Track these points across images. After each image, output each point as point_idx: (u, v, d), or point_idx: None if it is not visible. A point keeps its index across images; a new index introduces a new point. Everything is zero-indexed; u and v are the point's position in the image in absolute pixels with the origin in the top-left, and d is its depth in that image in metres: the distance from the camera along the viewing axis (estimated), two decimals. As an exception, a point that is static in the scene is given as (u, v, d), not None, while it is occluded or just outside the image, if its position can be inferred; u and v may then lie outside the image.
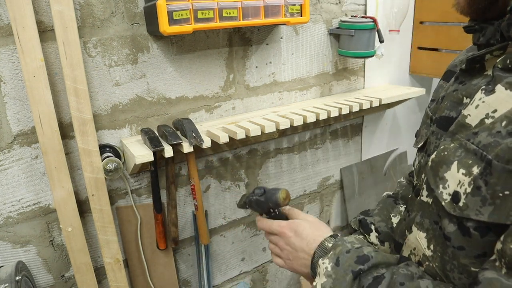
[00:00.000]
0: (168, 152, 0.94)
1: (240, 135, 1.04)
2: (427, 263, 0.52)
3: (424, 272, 0.53)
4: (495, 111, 0.45)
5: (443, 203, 0.48)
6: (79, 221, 0.95)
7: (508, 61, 0.46)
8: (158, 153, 0.99)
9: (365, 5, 1.42)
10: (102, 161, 0.94)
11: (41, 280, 1.04)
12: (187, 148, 0.96)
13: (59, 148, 0.89)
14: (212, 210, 1.29)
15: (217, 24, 0.95)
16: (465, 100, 0.53)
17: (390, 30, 1.43)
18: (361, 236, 0.77)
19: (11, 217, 0.96)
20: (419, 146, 0.64)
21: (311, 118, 1.15)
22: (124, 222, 1.12)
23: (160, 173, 1.12)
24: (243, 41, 1.18)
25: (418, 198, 0.56)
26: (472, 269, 0.46)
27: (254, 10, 1.00)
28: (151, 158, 0.94)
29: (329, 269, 0.55)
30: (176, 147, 0.97)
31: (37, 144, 0.94)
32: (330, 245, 0.59)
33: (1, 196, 0.93)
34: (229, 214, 1.35)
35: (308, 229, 0.63)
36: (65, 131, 0.97)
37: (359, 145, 1.63)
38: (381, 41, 1.28)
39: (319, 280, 0.56)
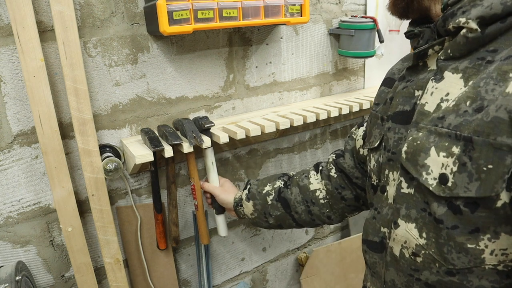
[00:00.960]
0: (168, 152, 0.94)
1: (240, 135, 1.04)
2: (422, 252, 0.53)
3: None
4: (447, 94, 0.50)
5: (430, 188, 0.50)
6: (79, 221, 0.95)
7: (449, 51, 0.51)
8: (158, 153, 0.99)
9: (365, 5, 1.42)
10: (102, 161, 0.94)
11: (41, 280, 1.04)
12: (187, 148, 0.96)
13: (59, 148, 0.89)
14: (212, 210, 1.29)
15: (217, 24, 0.95)
16: (417, 93, 0.58)
17: (390, 30, 1.43)
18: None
19: (11, 217, 0.96)
20: (374, 145, 0.67)
21: (311, 118, 1.15)
22: (124, 222, 1.12)
23: (160, 173, 1.12)
24: (243, 41, 1.18)
25: (396, 192, 0.58)
26: (469, 246, 0.48)
27: (254, 10, 1.00)
28: (151, 158, 0.94)
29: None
30: (176, 147, 0.97)
31: (37, 144, 0.94)
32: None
33: (1, 196, 0.93)
34: (229, 214, 1.35)
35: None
36: (65, 131, 0.97)
37: (359, 145, 1.62)
38: (381, 41, 1.28)
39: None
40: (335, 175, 0.90)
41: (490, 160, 0.42)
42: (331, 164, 0.92)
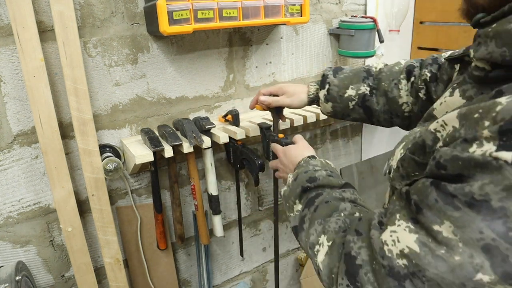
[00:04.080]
0: (168, 152, 0.94)
1: (240, 135, 1.04)
2: (364, 214, 0.62)
3: (357, 199, 0.66)
4: (450, 110, 0.52)
5: (386, 172, 0.59)
6: (79, 221, 0.95)
7: (470, 69, 0.52)
8: (158, 153, 0.99)
9: (365, 5, 1.42)
10: (102, 161, 0.94)
11: (41, 280, 1.04)
12: (187, 148, 0.96)
13: (59, 148, 0.89)
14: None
15: (217, 24, 0.95)
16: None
17: (390, 30, 1.43)
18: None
19: (11, 217, 0.96)
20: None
21: (311, 118, 1.15)
22: (124, 222, 1.12)
23: (160, 173, 1.12)
24: (243, 41, 1.18)
25: None
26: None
27: (254, 10, 1.00)
28: (151, 158, 0.94)
29: (290, 181, 0.74)
30: (176, 148, 0.97)
31: (37, 144, 0.94)
32: (301, 163, 0.76)
33: (1, 196, 0.93)
34: (229, 214, 1.35)
35: (293, 151, 0.82)
36: (65, 131, 0.97)
37: (359, 145, 1.62)
38: (381, 41, 1.28)
39: (283, 188, 0.75)
40: (424, 98, 0.80)
41: (416, 169, 0.51)
42: (423, 83, 0.80)
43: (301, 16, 1.08)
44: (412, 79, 0.82)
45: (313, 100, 0.92)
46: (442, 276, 0.42)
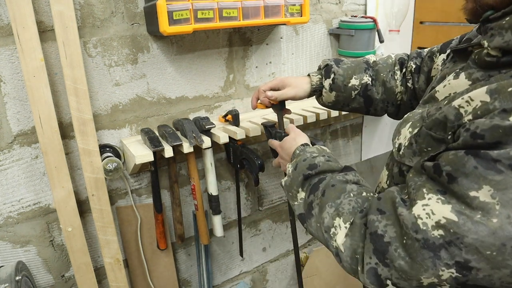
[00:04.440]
0: (168, 152, 0.94)
1: (240, 135, 1.04)
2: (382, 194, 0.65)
3: (360, 180, 0.69)
4: (455, 92, 0.58)
5: (393, 150, 0.64)
6: (79, 221, 0.95)
7: (476, 57, 0.57)
8: (158, 153, 0.99)
9: (365, 5, 1.42)
10: (102, 161, 0.94)
11: (41, 280, 1.04)
12: (187, 148, 0.96)
13: (59, 148, 0.89)
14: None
15: (217, 24, 0.95)
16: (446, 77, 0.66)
17: (390, 30, 1.43)
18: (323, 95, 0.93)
19: (11, 217, 0.96)
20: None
21: (311, 118, 1.15)
22: (124, 222, 1.12)
23: (160, 173, 1.12)
24: (243, 41, 1.18)
25: None
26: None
27: (254, 10, 1.00)
28: (151, 158, 0.94)
29: (290, 171, 0.76)
30: (176, 148, 0.97)
31: (37, 144, 0.94)
32: (297, 153, 0.79)
33: (1, 196, 0.93)
34: (229, 214, 1.35)
35: (288, 142, 0.85)
36: (65, 131, 0.97)
37: (359, 145, 1.62)
38: (381, 41, 1.28)
39: (283, 178, 0.78)
40: (411, 87, 0.88)
41: (430, 145, 0.56)
42: (410, 74, 0.88)
43: (301, 16, 1.08)
44: (404, 70, 0.89)
45: (316, 90, 0.93)
46: (481, 240, 0.44)
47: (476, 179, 0.45)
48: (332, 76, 0.89)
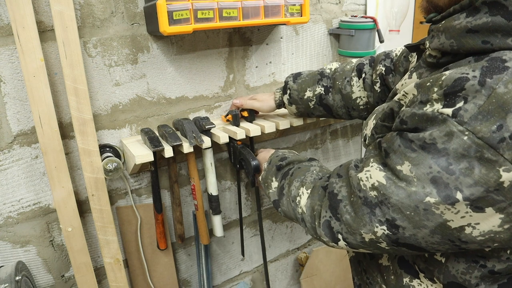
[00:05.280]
0: (168, 152, 0.94)
1: (240, 135, 1.04)
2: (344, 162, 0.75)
3: (322, 166, 0.83)
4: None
5: (361, 139, 0.73)
6: (79, 221, 0.95)
7: (425, 57, 0.64)
8: (158, 153, 0.99)
9: (365, 5, 1.42)
10: (102, 161, 0.94)
11: (41, 280, 1.04)
12: (187, 148, 0.96)
13: (59, 148, 0.89)
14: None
15: (217, 24, 0.95)
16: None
17: (390, 30, 1.43)
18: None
19: (11, 217, 0.96)
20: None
21: (311, 118, 1.15)
22: (124, 222, 1.12)
23: (160, 173, 1.12)
24: (243, 41, 1.18)
25: None
26: None
27: (254, 10, 1.00)
28: (151, 158, 0.94)
29: (265, 166, 0.91)
30: (176, 148, 0.97)
31: (37, 144, 0.94)
32: (271, 154, 0.93)
33: (1, 196, 0.93)
34: (229, 214, 1.35)
35: (266, 153, 0.99)
36: (65, 131, 0.97)
37: (359, 145, 1.62)
38: (381, 41, 1.28)
39: (260, 176, 0.91)
40: (379, 90, 0.93)
41: (383, 134, 0.63)
42: (378, 77, 0.93)
43: (301, 16, 1.08)
44: (363, 75, 0.96)
45: (280, 105, 1.08)
46: (402, 201, 0.54)
47: (400, 155, 0.55)
48: (288, 91, 1.03)
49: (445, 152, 0.50)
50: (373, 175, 0.58)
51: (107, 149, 1.01)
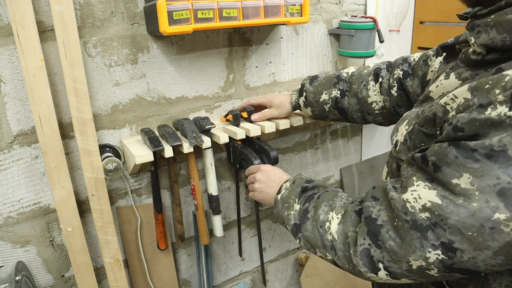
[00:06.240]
0: (168, 152, 0.94)
1: (240, 135, 1.04)
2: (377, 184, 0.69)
3: (348, 196, 0.75)
4: (447, 92, 0.60)
5: (391, 147, 0.68)
6: (79, 221, 0.95)
7: (463, 56, 0.61)
8: (158, 153, 0.99)
9: (365, 5, 1.42)
10: (102, 161, 0.94)
11: (41, 280, 1.04)
12: (187, 148, 0.96)
13: (59, 148, 0.89)
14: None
15: (217, 24, 0.95)
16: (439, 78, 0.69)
17: (390, 30, 1.43)
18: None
19: (11, 217, 0.96)
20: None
21: (310, 119, 1.15)
22: (124, 222, 1.12)
23: (160, 173, 1.12)
24: (243, 41, 1.18)
25: None
26: None
27: (254, 10, 1.00)
28: (151, 158, 0.94)
29: (288, 186, 0.81)
30: (176, 148, 0.97)
31: (37, 144, 0.94)
32: (293, 176, 0.86)
33: (1, 196, 0.93)
34: (229, 214, 1.35)
35: (278, 170, 0.91)
36: (65, 131, 0.97)
37: (359, 145, 1.63)
38: (381, 41, 1.28)
39: (279, 194, 0.82)
40: (396, 94, 0.91)
41: (422, 141, 0.59)
42: (395, 82, 0.91)
43: (301, 16, 1.08)
44: (380, 79, 0.95)
45: (296, 107, 1.08)
46: (463, 221, 0.48)
47: (457, 167, 0.49)
48: (304, 94, 1.03)
49: None
50: (422, 195, 0.52)
51: (107, 149, 1.01)
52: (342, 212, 0.66)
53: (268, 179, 0.88)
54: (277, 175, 0.88)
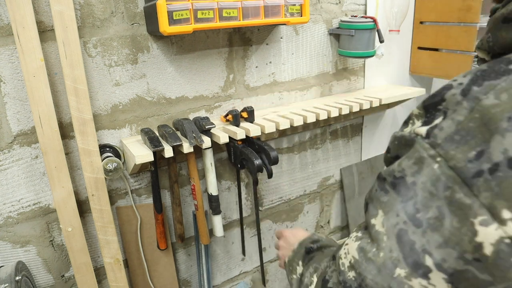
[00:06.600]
0: (168, 152, 0.94)
1: (240, 135, 1.04)
2: None
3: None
4: None
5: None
6: (79, 221, 0.95)
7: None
8: (158, 153, 0.99)
9: (365, 5, 1.42)
10: (102, 161, 0.94)
11: (41, 280, 1.04)
12: (187, 148, 0.96)
13: (59, 148, 0.89)
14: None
15: (217, 24, 0.95)
16: None
17: (390, 30, 1.43)
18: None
19: (11, 217, 0.96)
20: None
21: (311, 118, 1.15)
22: (124, 222, 1.12)
23: (160, 173, 1.12)
24: (243, 41, 1.18)
25: None
26: None
27: (254, 10, 1.00)
28: (151, 158, 0.94)
29: (296, 247, 0.72)
30: (176, 148, 0.97)
31: (37, 144, 0.94)
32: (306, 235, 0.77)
33: (1, 196, 0.93)
34: (229, 214, 1.35)
35: (300, 232, 0.80)
36: (65, 131, 0.97)
37: (359, 145, 1.63)
38: (381, 41, 1.28)
39: (287, 257, 0.74)
40: None
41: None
42: None
43: (301, 16, 1.08)
44: None
45: None
46: (375, 281, 0.39)
47: (376, 203, 0.41)
48: None
49: (413, 191, 0.37)
50: (350, 248, 0.44)
51: (107, 149, 1.01)
52: (320, 273, 0.58)
53: (288, 244, 0.79)
54: (296, 237, 0.77)
